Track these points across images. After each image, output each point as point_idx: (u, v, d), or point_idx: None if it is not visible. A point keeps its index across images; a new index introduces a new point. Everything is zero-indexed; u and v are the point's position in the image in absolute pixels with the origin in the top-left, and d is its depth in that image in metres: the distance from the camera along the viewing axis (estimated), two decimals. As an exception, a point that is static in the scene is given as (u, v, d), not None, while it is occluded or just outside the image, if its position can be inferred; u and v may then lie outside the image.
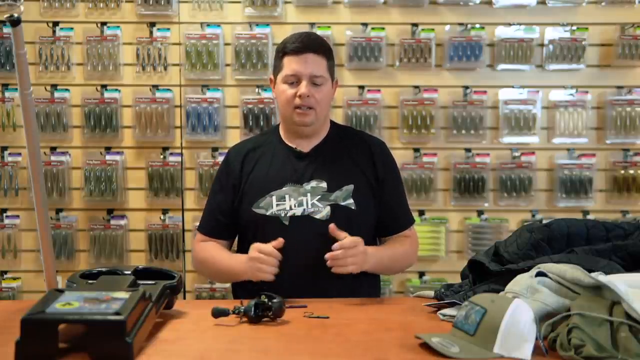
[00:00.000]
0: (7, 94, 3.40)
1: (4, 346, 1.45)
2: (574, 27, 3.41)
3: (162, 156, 3.42)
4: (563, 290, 1.57)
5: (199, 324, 1.72)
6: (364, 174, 2.23)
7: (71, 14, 3.39)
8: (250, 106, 3.39)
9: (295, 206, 2.16)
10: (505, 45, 3.40)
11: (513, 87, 3.43)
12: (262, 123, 3.37)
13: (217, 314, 1.72)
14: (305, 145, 2.26)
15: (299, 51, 2.16)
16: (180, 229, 3.40)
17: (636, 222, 1.98)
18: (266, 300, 1.73)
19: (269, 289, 1.81)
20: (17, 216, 3.40)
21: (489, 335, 1.43)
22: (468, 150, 3.44)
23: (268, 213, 2.17)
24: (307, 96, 2.15)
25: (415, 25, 3.42)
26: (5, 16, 1.65)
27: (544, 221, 2.07)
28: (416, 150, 3.43)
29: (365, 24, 3.41)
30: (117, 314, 1.41)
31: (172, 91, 3.40)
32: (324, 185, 2.19)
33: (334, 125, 2.35)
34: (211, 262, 2.26)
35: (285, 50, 2.19)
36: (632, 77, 3.45)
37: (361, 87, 3.42)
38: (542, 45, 3.42)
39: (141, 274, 1.83)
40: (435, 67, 3.42)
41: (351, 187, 2.19)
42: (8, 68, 3.35)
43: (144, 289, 1.60)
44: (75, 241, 3.39)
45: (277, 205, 2.17)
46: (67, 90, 3.39)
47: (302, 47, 2.16)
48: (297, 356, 1.50)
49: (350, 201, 2.18)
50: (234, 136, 3.37)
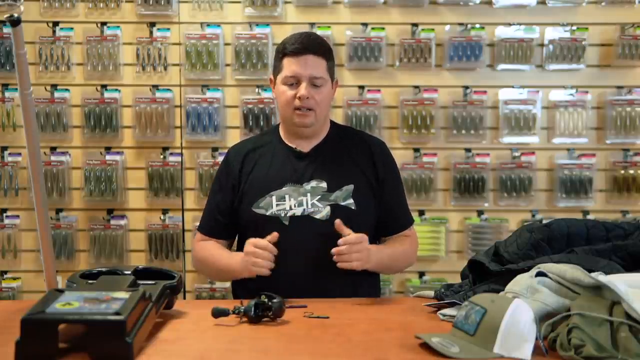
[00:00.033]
0: (7, 94, 3.40)
1: (4, 346, 1.45)
2: (574, 27, 3.41)
3: (162, 156, 3.42)
4: (563, 290, 1.57)
5: (199, 324, 1.72)
6: (364, 174, 2.23)
7: (71, 14, 3.40)
8: (250, 106, 3.39)
9: (295, 206, 2.16)
10: (505, 45, 3.40)
11: (513, 87, 3.43)
12: (262, 123, 3.37)
13: (217, 314, 1.72)
14: (305, 146, 2.26)
15: (298, 52, 2.15)
16: (180, 229, 3.40)
17: (636, 222, 1.98)
18: (266, 300, 1.73)
19: (269, 288, 1.81)
20: (17, 216, 3.40)
21: (489, 335, 1.43)
22: (468, 150, 3.44)
23: (268, 213, 2.17)
24: (307, 98, 2.15)
25: (415, 25, 3.42)
26: (5, 16, 1.65)
27: (544, 221, 2.06)
28: (416, 150, 3.44)
29: (365, 24, 3.41)
30: (117, 314, 1.41)
31: (172, 91, 3.40)
32: (323, 185, 2.18)
33: (334, 125, 2.34)
34: (211, 261, 2.26)
35: (284, 51, 2.18)
36: (632, 77, 3.45)
37: (361, 87, 3.42)
38: (542, 45, 3.42)
39: (141, 274, 1.83)
40: (435, 67, 3.42)
41: (351, 187, 2.19)
42: (8, 68, 3.35)
43: (144, 289, 1.60)
44: (75, 241, 3.39)
45: (277, 205, 2.16)
46: (67, 90, 3.39)
47: (302, 48, 2.16)
48: (297, 356, 1.50)
49: (350, 201, 2.18)
50: (234, 136, 3.37)
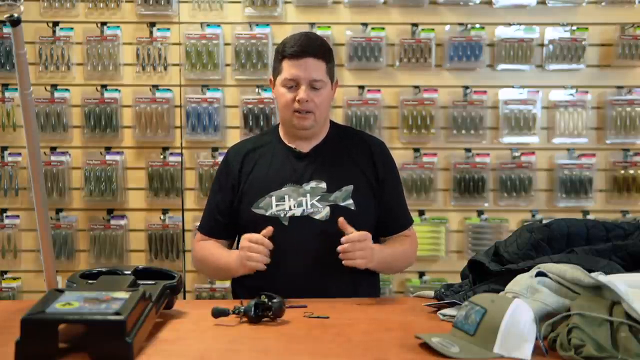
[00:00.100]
0: (7, 94, 3.40)
1: (4, 346, 1.45)
2: (574, 27, 3.41)
3: (162, 156, 3.42)
4: (563, 290, 1.57)
5: (199, 324, 1.72)
6: (363, 174, 2.23)
7: (71, 14, 3.40)
8: (250, 106, 3.39)
9: (294, 206, 2.16)
10: (505, 45, 3.40)
11: (513, 87, 3.43)
12: (262, 123, 3.37)
13: (217, 314, 1.72)
14: (304, 146, 2.25)
15: (297, 55, 2.14)
16: (180, 229, 3.40)
17: (636, 222, 1.98)
18: (266, 300, 1.73)
19: (269, 288, 1.81)
20: (17, 216, 3.40)
21: (489, 335, 1.43)
22: (468, 150, 3.44)
23: (267, 213, 2.16)
24: (306, 101, 2.14)
25: (415, 25, 3.42)
26: (5, 16, 1.65)
27: (544, 221, 2.07)
28: (416, 150, 3.43)
29: (365, 24, 3.41)
30: (117, 314, 1.41)
31: (172, 91, 3.40)
32: (323, 185, 2.18)
33: (333, 125, 2.34)
34: (210, 260, 2.26)
35: (284, 53, 2.16)
36: (632, 77, 3.45)
37: (361, 87, 3.42)
38: (542, 45, 3.42)
39: (141, 274, 1.83)
40: (435, 67, 3.42)
41: (350, 187, 2.19)
42: (8, 68, 3.35)
43: (144, 289, 1.60)
44: (75, 241, 3.39)
45: (277, 205, 2.16)
46: (67, 90, 3.39)
47: (301, 51, 2.14)
48: (297, 356, 1.50)
49: (350, 201, 2.17)
50: (234, 136, 3.37)
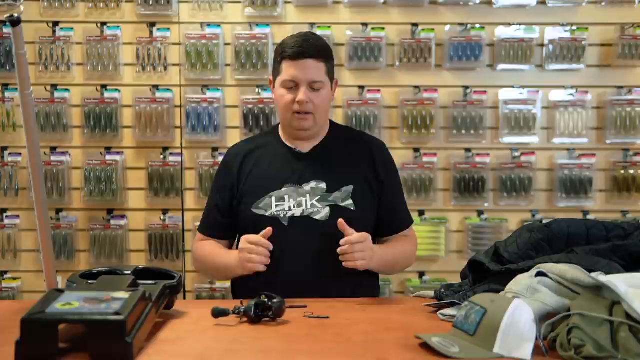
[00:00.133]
0: (7, 94, 3.39)
1: (4, 346, 1.45)
2: (574, 27, 3.41)
3: (162, 156, 3.42)
4: (563, 290, 1.57)
5: (199, 324, 1.72)
6: (363, 174, 2.23)
7: (71, 14, 3.39)
8: (250, 106, 3.38)
9: (294, 207, 2.16)
10: (505, 45, 3.40)
11: (513, 87, 3.43)
12: (262, 123, 3.37)
13: (217, 314, 1.72)
14: (304, 146, 2.25)
15: (297, 57, 2.13)
16: (180, 229, 3.40)
17: (636, 222, 1.98)
18: (266, 300, 1.73)
19: (269, 288, 1.80)
20: (17, 216, 3.40)
21: (489, 335, 1.43)
22: (468, 150, 3.44)
23: (267, 214, 2.16)
24: (306, 102, 2.14)
25: (415, 25, 3.41)
26: (5, 16, 1.65)
27: (544, 221, 2.06)
28: (416, 150, 3.43)
29: (365, 24, 3.41)
30: (117, 314, 1.41)
31: (172, 91, 3.40)
32: (323, 186, 2.18)
33: (333, 125, 2.34)
34: (209, 260, 2.26)
35: (283, 54, 2.16)
36: (632, 77, 3.45)
37: (361, 87, 3.42)
38: (542, 45, 3.42)
39: (141, 274, 1.83)
40: (435, 67, 3.42)
41: (350, 187, 2.19)
42: (8, 68, 3.35)
43: (144, 289, 1.60)
44: (75, 241, 3.39)
45: (277, 205, 2.16)
46: (67, 90, 3.39)
47: (301, 52, 2.13)
48: (297, 356, 1.50)
49: (350, 202, 2.17)
50: (234, 136, 3.37)
